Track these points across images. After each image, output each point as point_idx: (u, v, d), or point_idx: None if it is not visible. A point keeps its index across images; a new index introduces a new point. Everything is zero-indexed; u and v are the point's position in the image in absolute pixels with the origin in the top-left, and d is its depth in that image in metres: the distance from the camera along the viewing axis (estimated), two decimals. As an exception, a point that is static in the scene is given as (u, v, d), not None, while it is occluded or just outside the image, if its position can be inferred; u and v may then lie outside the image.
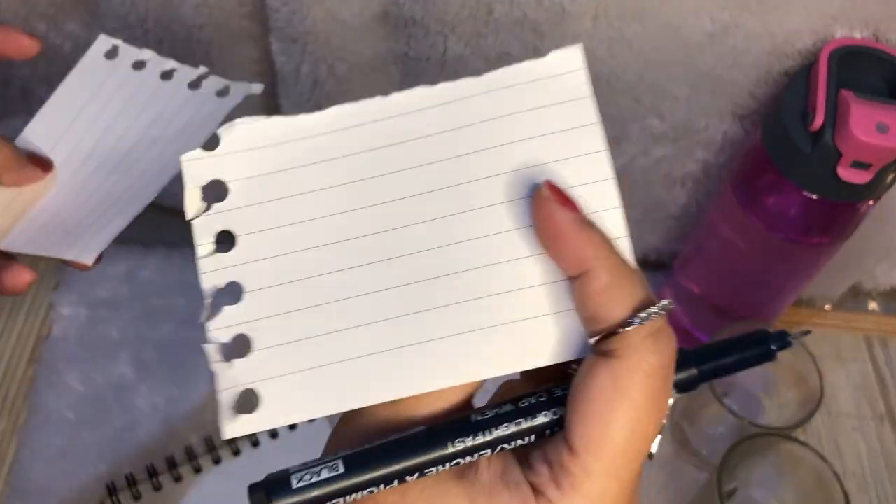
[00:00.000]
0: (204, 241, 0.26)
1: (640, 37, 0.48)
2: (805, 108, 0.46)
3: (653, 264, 0.67)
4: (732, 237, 0.53)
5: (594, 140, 0.27)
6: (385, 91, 0.53)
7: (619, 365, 0.24)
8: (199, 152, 0.27)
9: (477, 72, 0.51)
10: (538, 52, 0.49)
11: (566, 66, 0.28)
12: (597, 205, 0.26)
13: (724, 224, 0.53)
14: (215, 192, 0.27)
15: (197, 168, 0.27)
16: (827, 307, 0.67)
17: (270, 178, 0.27)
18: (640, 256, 0.70)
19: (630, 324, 0.24)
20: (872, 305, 0.68)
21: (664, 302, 0.24)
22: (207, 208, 0.27)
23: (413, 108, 0.27)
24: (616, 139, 0.55)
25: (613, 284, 0.24)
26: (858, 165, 0.43)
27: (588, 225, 0.25)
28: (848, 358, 0.65)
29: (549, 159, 0.26)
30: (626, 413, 0.23)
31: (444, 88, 0.27)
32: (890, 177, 0.45)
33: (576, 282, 0.25)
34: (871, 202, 0.47)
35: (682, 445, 0.59)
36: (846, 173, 0.44)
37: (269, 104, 0.57)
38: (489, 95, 0.27)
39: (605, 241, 0.25)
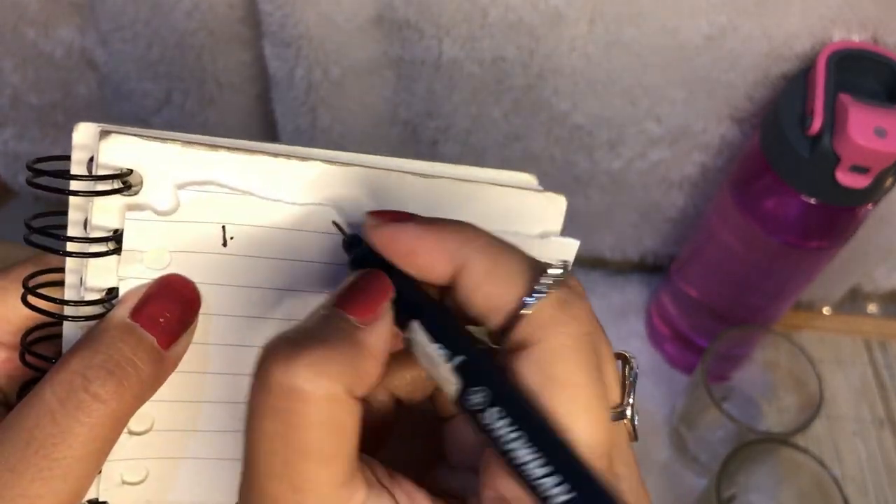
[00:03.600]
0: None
1: (636, 40, 0.48)
2: (803, 111, 0.45)
3: (650, 268, 0.67)
4: (730, 241, 0.52)
5: None
6: (379, 95, 0.53)
7: (541, 352, 0.20)
8: (149, 214, 0.23)
9: (472, 76, 0.51)
10: (533, 56, 0.49)
11: (559, 254, 0.27)
12: None
13: (722, 228, 0.53)
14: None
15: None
16: (826, 310, 0.67)
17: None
18: (638, 259, 0.70)
19: (529, 301, 0.20)
20: (871, 308, 0.68)
21: (559, 262, 0.22)
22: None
23: None
24: (613, 142, 0.55)
25: (496, 265, 0.21)
26: (857, 170, 0.43)
27: (439, 222, 0.22)
28: (847, 362, 0.65)
29: None
30: (575, 402, 0.19)
31: None
32: (888, 180, 0.45)
33: (455, 287, 0.21)
34: (869, 206, 0.47)
35: (681, 451, 0.58)
36: (845, 177, 0.43)
37: (263, 109, 0.56)
38: None
39: (469, 227, 0.22)
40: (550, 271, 0.20)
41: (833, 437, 0.61)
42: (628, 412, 0.22)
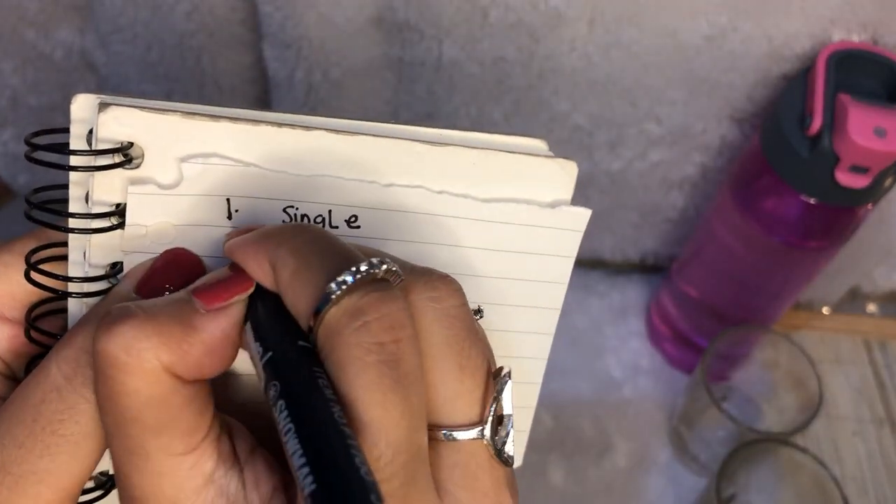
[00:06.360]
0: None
1: (636, 41, 0.48)
2: (803, 111, 0.45)
3: (650, 268, 0.67)
4: (730, 241, 0.52)
5: (556, 299, 0.27)
6: (379, 97, 0.53)
7: (330, 363, 0.19)
8: (152, 188, 0.23)
9: (472, 77, 0.51)
10: (533, 57, 0.49)
11: (570, 224, 0.26)
12: (529, 352, 0.27)
13: (722, 228, 0.53)
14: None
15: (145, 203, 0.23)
16: (825, 310, 0.67)
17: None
18: (638, 260, 0.70)
19: (321, 307, 0.19)
20: (871, 308, 0.68)
21: (369, 261, 0.19)
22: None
23: (420, 211, 0.25)
24: (613, 143, 0.55)
25: (301, 267, 0.20)
26: (856, 170, 0.43)
27: (274, 227, 0.21)
28: (847, 361, 0.65)
29: (510, 301, 0.27)
30: (354, 418, 0.18)
31: (447, 200, 0.25)
32: (888, 180, 0.45)
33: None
34: (869, 206, 0.47)
35: (681, 451, 0.58)
36: (844, 177, 0.43)
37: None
38: (488, 224, 0.26)
39: (295, 228, 0.21)
40: (343, 276, 0.19)
41: (833, 437, 0.61)
42: (486, 431, 0.20)
